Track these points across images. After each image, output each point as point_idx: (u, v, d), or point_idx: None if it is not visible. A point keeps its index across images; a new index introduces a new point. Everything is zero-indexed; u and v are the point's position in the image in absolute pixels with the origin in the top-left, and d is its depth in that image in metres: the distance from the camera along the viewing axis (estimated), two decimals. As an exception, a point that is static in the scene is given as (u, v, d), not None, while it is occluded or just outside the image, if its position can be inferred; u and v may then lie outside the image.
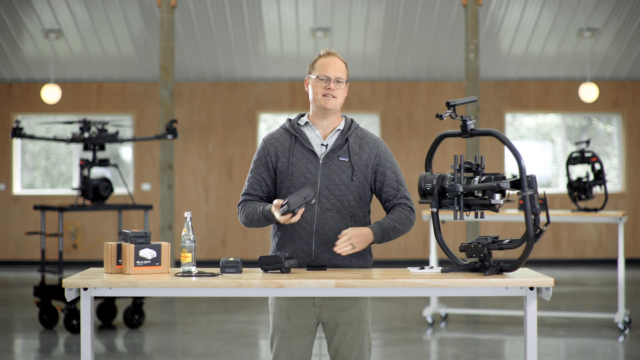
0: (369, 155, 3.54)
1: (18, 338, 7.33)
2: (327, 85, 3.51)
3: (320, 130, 3.57)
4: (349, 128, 3.57)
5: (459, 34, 11.49)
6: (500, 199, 3.22)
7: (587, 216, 7.27)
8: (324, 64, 3.54)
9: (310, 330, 3.50)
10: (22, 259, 12.56)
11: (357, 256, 3.53)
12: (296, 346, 3.49)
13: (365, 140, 3.57)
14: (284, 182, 3.52)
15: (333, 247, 3.45)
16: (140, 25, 11.39)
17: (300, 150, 3.53)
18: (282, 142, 3.56)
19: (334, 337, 3.50)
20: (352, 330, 3.48)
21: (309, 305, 3.48)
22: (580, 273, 11.73)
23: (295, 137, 3.55)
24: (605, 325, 7.57)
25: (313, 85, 3.55)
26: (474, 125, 3.32)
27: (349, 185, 3.49)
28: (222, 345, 6.80)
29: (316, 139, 3.56)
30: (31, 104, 12.66)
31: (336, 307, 3.47)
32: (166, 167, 9.97)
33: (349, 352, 3.48)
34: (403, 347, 6.71)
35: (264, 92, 12.70)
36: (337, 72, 3.52)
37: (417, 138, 12.70)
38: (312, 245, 3.48)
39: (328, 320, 3.49)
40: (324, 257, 3.48)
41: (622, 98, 12.83)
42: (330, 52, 3.57)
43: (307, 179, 3.49)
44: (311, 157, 3.52)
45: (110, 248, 3.40)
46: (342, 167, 3.51)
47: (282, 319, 3.50)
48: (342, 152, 3.53)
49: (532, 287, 3.18)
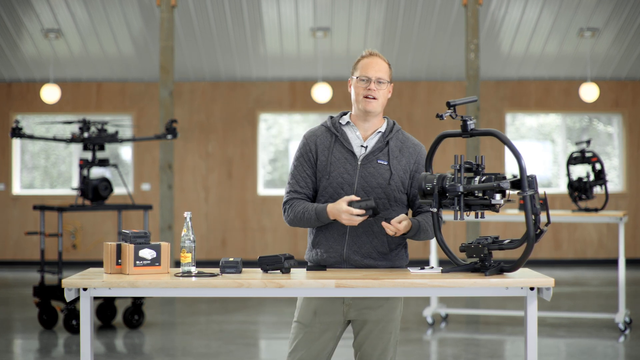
0: (409, 161, 3.51)
1: (17, 338, 7.32)
2: (367, 85, 3.48)
3: (361, 131, 3.53)
4: (390, 131, 3.53)
5: (459, 33, 11.47)
6: (501, 199, 3.21)
7: (587, 216, 7.26)
8: (366, 64, 3.50)
9: (334, 328, 3.47)
10: (22, 259, 12.55)
11: (389, 258, 3.51)
12: (317, 342, 3.46)
13: (406, 145, 3.53)
14: (322, 180, 3.49)
15: (364, 248, 3.44)
16: (140, 25, 11.37)
17: (339, 149, 3.50)
18: (323, 140, 3.53)
19: (360, 333, 3.49)
20: (377, 329, 3.47)
21: (338, 303, 3.47)
22: (580, 273, 11.72)
23: (336, 136, 3.52)
24: (605, 325, 7.56)
25: (355, 86, 3.51)
26: (474, 125, 3.31)
27: (386, 188, 3.46)
28: (222, 346, 6.79)
29: (356, 140, 3.52)
30: (31, 103, 12.65)
31: (365, 305, 3.46)
32: (166, 167, 9.96)
33: (372, 350, 3.47)
34: (403, 348, 6.70)
35: (264, 92, 12.69)
36: (378, 73, 3.48)
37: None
38: (344, 245, 3.47)
39: (356, 317, 3.48)
40: (355, 258, 3.47)
41: (622, 98, 12.82)
42: (372, 53, 3.53)
43: (345, 179, 3.46)
44: (350, 158, 3.49)
45: (109, 248, 3.39)
46: (380, 170, 3.47)
47: (307, 313, 3.48)
48: (382, 155, 3.49)
49: (533, 288, 3.17)
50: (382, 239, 3.47)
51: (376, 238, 3.47)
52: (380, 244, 3.48)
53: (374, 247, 3.47)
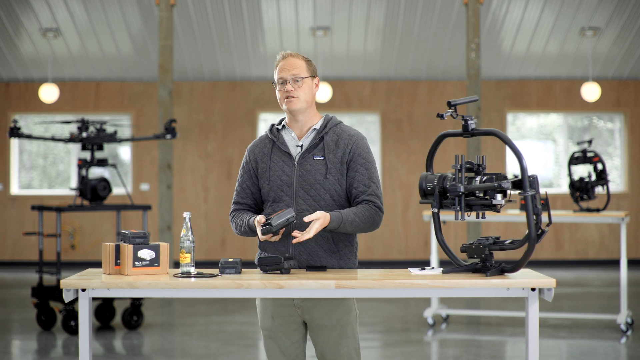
0: (344, 152, 3.48)
1: (15, 339, 7.31)
2: (284, 87, 3.47)
3: (296, 132, 3.54)
4: (325, 126, 3.52)
5: (460, 32, 11.45)
6: (502, 199, 3.20)
7: (589, 216, 7.24)
8: (280, 68, 3.50)
9: (296, 329, 3.47)
10: (20, 260, 12.53)
11: (338, 257, 3.48)
12: (285, 345, 3.47)
13: (342, 137, 3.50)
14: (264, 187, 3.51)
15: (309, 247, 3.43)
16: (139, 24, 11.35)
17: (277, 154, 3.52)
18: (262, 148, 3.56)
19: (317, 341, 3.46)
20: (334, 334, 3.43)
21: (290, 305, 3.45)
22: (582, 274, 11.70)
23: (273, 141, 3.54)
24: (607, 326, 7.54)
25: (277, 91, 3.52)
26: (475, 125, 3.30)
27: (324, 183, 3.44)
28: (221, 347, 6.77)
29: (292, 141, 3.53)
30: (29, 103, 12.62)
31: (318, 309, 3.43)
32: (165, 167, 9.93)
33: (334, 357, 3.44)
34: (403, 349, 6.68)
35: (263, 91, 12.66)
36: (291, 71, 3.47)
37: (417, 138, 12.66)
38: (289, 247, 3.45)
39: (310, 322, 3.45)
40: (301, 259, 3.44)
41: (624, 97, 12.79)
42: (285, 55, 3.52)
43: (283, 181, 3.47)
44: (287, 159, 3.50)
45: (108, 249, 3.39)
46: (317, 166, 3.46)
47: (267, 319, 3.49)
48: (317, 151, 3.48)
49: (534, 288, 3.16)
50: (326, 236, 3.44)
51: (319, 236, 3.43)
52: (325, 242, 3.45)
53: (320, 245, 3.44)
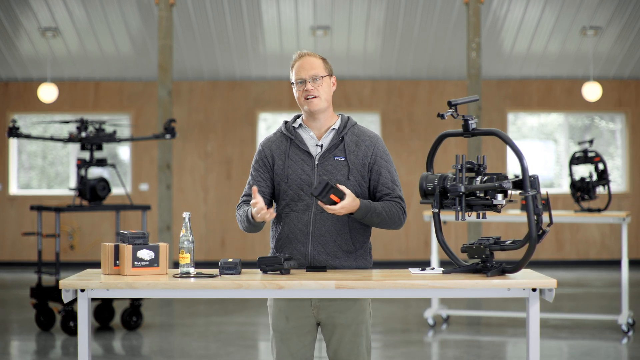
0: (366, 154, 3.50)
1: (14, 340, 7.30)
2: (304, 87, 3.48)
3: (314, 131, 3.54)
4: (344, 126, 3.53)
5: (460, 32, 11.43)
6: (503, 199, 3.20)
7: (590, 217, 7.23)
8: (297, 67, 3.51)
9: (309, 330, 3.48)
10: (19, 260, 12.51)
11: (355, 257, 3.49)
12: (296, 347, 3.47)
13: (362, 138, 3.52)
14: (281, 184, 3.50)
15: (328, 247, 3.42)
16: (138, 24, 11.33)
17: (295, 152, 3.51)
18: (278, 145, 3.54)
19: (332, 339, 3.47)
20: (350, 332, 3.46)
21: (306, 306, 3.46)
22: (583, 274, 11.68)
23: (291, 139, 3.53)
24: (608, 327, 7.52)
25: (295, 91, 3.53)
26: (475, 125, 3.30)
27: (346, 184, 3.45)
28: (221, 347, 6.76)
29: (311, 140, 3.53)
30: (28, 103, 12.60)
31: (334, 308, 3.45)
32: (164, 167, 9.91)
33: (347, 355, 3.46)
34: (404, 349, 6.66)
35: (263, 91, 12.64)
36: (310, 71, 3.48)
37: (418, 137, 12.64)
38: (308, 246, 3.45)
39: (326, 321, 3.46)
40: (320, 259, 3.45)
41: (625, 97, 12.77)
42: (302, 54, 3.54)
43: (304, 180, 3.47)
44: (307, 159, 3.50)
45: (107, 249, 3.38)
46: (338, 167, 3.47)
47: (280, 321, 3.48)
48: (338, 152, 3.49)
49: (535, 289, 3.16)
50: (346, 237, 3.46)
51: (340, 236, 3.45)
52: (345, 242, 3.46)
53: (339, 245, 3.46)
